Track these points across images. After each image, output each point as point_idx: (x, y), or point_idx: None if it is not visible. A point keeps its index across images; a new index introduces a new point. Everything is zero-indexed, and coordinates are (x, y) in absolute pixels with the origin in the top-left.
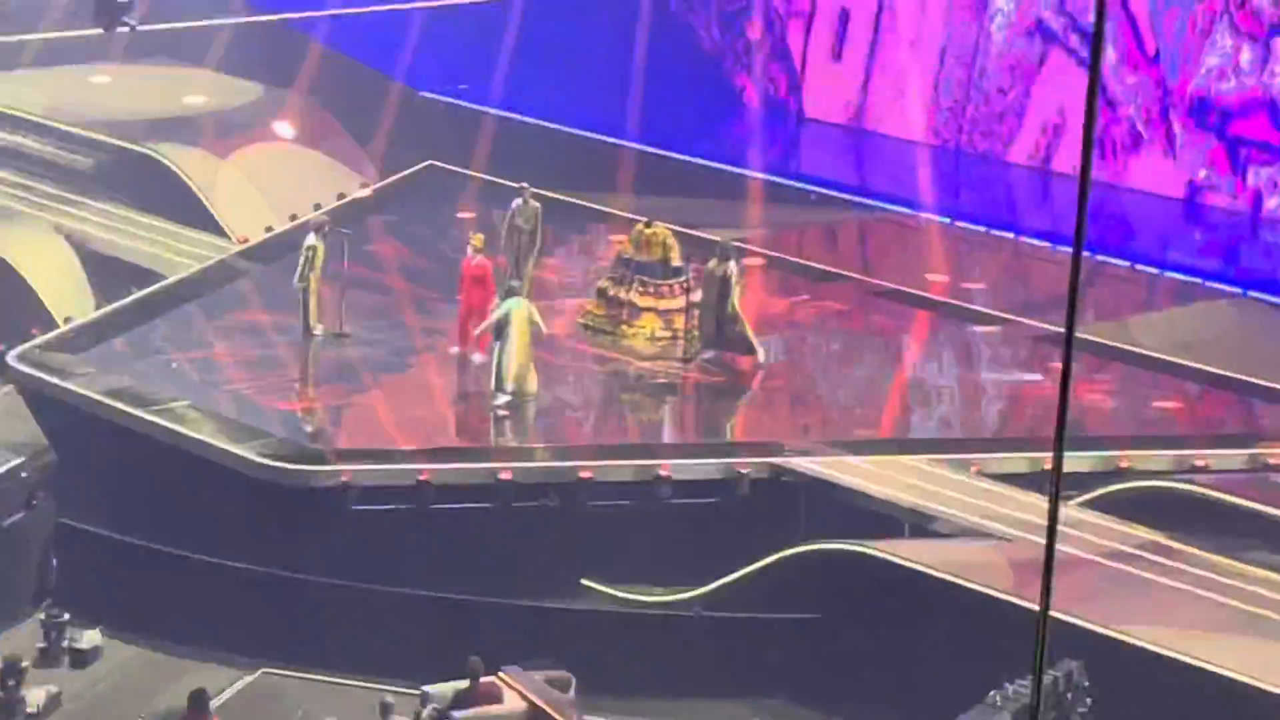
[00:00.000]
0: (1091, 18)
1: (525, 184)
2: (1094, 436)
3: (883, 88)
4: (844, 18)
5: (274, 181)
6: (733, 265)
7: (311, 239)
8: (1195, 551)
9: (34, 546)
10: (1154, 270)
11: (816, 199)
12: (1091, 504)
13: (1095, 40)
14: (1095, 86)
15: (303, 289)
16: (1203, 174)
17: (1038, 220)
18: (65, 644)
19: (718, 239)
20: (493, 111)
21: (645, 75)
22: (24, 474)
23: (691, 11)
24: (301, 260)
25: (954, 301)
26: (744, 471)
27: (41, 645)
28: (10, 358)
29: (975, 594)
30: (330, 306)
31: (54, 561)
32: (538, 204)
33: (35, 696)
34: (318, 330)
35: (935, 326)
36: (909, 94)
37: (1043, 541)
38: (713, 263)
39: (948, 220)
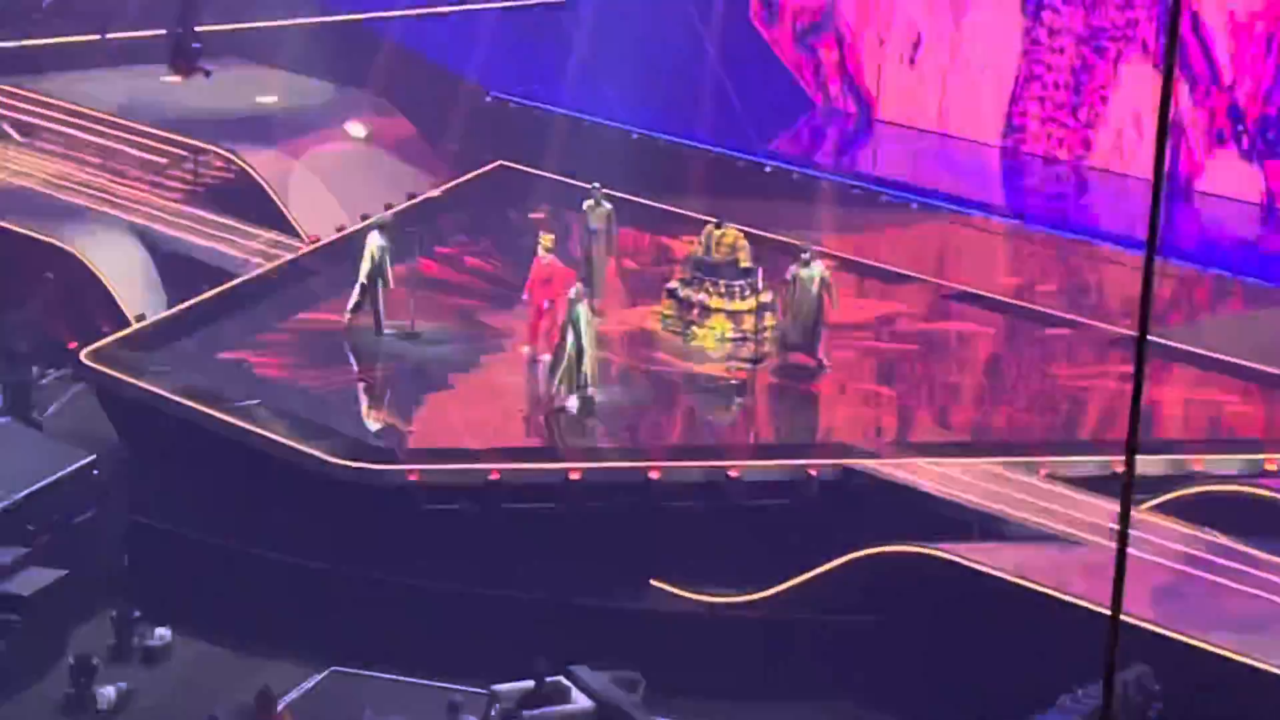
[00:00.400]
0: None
1: (596, 184)
2: (1166, 440)
3: (957, 92)
4: (918, 25)
5: (345, 181)
6: (823, 267)
7: (375, 238)
8: (1267, 556)
9: (105, 544)
10: (1227, 274)
11: (888, 201)
12: (1163, 507)
13: (1169, 56)
14: (1168, 100)
15: (363, 287)
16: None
17: (1111, 223)
18: (136, 641)
19: (796, 242)
20: (564, 112)
21: (717, 77)
22: (95, 471)
23: (766, 27)
24: (368, 260)
25: (1025, 304)
26: (813, 473)
27: (113, 642)
28: (83, 355)
29: (1045, 597)
30: (400, 305)
31: (125, 559)
32: (609, 204)
33: (106, 694)
34: (387, 330)
35: (1005, 328)
36: (983, 99)
37: (1113, 545)
38: (797, 267)
39: (1019, 222)
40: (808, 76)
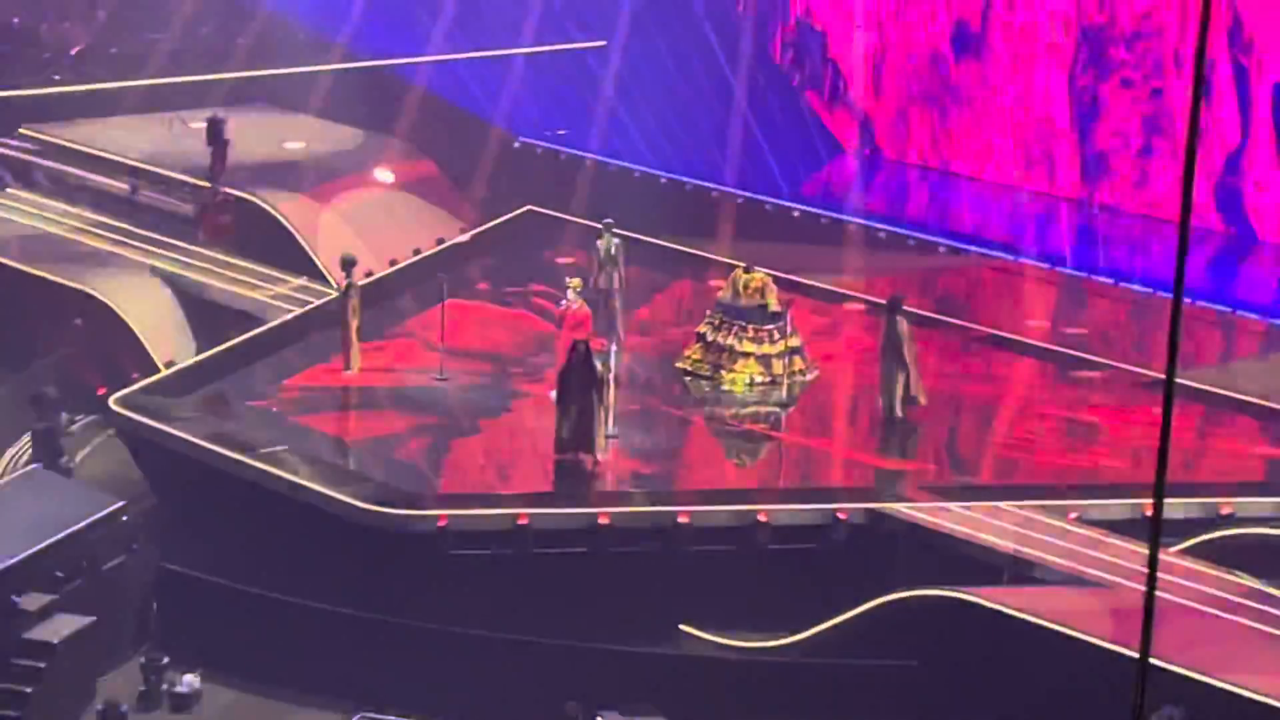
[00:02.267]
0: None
1: (608, 219)
2: (1196, 483)
3: (987, 136)
4: (947, 69)
5: (374, 227)
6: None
7: (348, 278)
8: None
9: (134, 590)
10: (1257, 317)
11: (916, 245)
12: (1192, 551)
13: (1195, 98)
14: (1194, 142)
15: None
16: None
17: (1155, 267)
18: (165, 688)
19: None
20: (591, 157)
21: (744, 121)
22: (124, 518)
23: (792, 69)
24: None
25: (1054, 347)
26: (842, 517)
27: (141, 689)
28: (111, 401)
29: (1075, 641)
30: (430, 350)
31: (154, 605)
32: (618, 239)
33: None
34: (355, 367)
35: (1035, 372)
36: (1016, 143)
37: (1142, 589)
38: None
39: (1047, 265)
40: (830, 119)
